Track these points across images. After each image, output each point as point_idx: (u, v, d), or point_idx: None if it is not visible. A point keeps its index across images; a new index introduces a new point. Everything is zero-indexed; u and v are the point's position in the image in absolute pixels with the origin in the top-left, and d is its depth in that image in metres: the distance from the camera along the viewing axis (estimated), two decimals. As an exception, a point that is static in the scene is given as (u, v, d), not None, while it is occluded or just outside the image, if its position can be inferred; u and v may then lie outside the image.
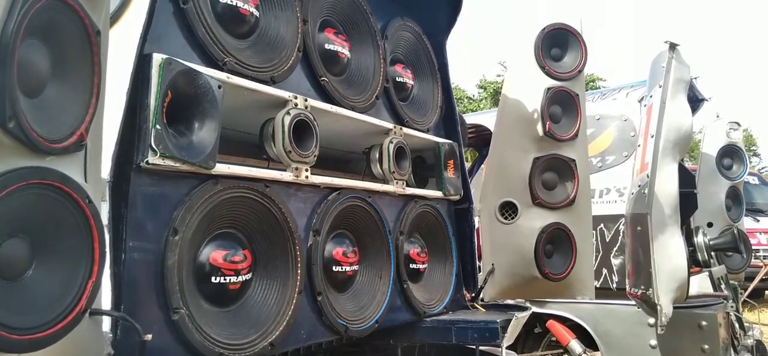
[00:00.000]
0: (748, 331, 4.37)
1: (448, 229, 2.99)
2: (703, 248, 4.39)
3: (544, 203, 3.20)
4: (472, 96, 24.23)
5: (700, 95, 5.06)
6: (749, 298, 5.72)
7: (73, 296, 1.29)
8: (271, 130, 2.12)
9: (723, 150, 5.08)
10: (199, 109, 1.83)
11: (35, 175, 1.20)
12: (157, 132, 1.67)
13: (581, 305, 3.98)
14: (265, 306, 2.04)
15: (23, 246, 1.23)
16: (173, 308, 1.72)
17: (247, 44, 2.12)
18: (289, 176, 2.14)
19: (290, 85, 2.21)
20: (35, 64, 1.22)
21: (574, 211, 3.23)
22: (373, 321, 2.45)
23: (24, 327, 1.19)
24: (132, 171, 1.68)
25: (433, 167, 3.04)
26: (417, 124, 2.90)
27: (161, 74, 1.70)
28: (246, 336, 1.93)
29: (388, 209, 2.63)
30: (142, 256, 1.69)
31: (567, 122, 3.27)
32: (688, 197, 3.60)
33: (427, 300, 2.80)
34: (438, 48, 3.17)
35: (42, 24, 1.20)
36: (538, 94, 3.17)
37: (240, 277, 1.95)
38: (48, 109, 1.24)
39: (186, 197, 1.80)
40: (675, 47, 3.27)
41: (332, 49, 2.50)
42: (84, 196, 1.30)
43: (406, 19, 2.99)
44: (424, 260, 2.87)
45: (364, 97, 2.59)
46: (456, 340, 2.67)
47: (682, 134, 3.23)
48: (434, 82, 3.11)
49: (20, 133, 1.14)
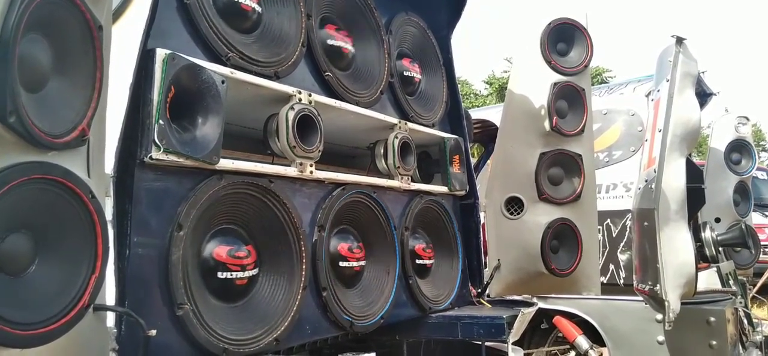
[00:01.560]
0: (757, 327, 4.34)
1: (454, 224, 2.98)
2: (711, 244, 4.36)
3: (551, 198, 3.18)
4: (479, 92, 24.17)
5: (708, 90, 5.03)
6: (758, 294, 5.68)
7: (76, 291, 1.29)
8: (275, 125, 2.11)
9: (731, 145, 5.04)
10: (202, 104, 1.83)
11: (37, 170, 1.20)
12: (161, 127, 1.67)
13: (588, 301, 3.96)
14: (270, 301, 2.04)
15: (26, 242, 1.23)
16: (177, 303, 1.72)
17: (251, 39, 2.12)
18: (294, 172, 2.13)
19: (294, 81, 2.21)
20: (36, 59, 1.22)
21: (579, 206, 3.21)
22: (378, 317, 2.44)
23: (27, 322, 1.19)
24: (136, 166, 1.68)
25: (438, 162, 3.03)
26: (422, 119, 2.89)
27: (165, 69, 1.70)
28: (251, 331, 1.93)
29: (393, 205, 2.62)
30: (146, 251, 1.69)
31: (573, 117, 3.25)
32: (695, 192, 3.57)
33: (432, 295, 2.79)
34: (443, 43, 3.16)
35: (43, 18, 1.20)
36: (544, 89, 3.16)
37: (246, 272, 1.95)
38: (50, 104, 1.24)
39: (190, 193, 1.80)
40: (682, 41, 3.25)
41: (336, 44, 2.49)
42: (87, 191, 1.30)
43: (410, 13, 2.98)
44: (429, 256, 2.86)
45: (368, 92, 2.58)
46: (462, 336, 2.67)
47: (690, 129, 3.20)
48: (440, 77, 3.10)
49: (21, 128, 1.14)
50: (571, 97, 3.23)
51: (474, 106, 20.51)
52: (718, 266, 4.20)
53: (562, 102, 3.20)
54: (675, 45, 3.23)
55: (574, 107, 3.26)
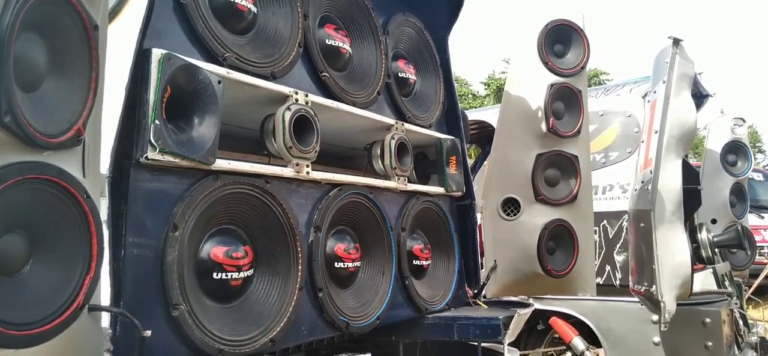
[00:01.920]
0: (752, 328, 4.35)
1: (451, 225, 2.98)
2: (707, 245, 4.38)
3: (547, 199, 3.18)
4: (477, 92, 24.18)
5: (704, 91, 5.03)
6: (753, 295, 5.70)
7: (71, 291, 1.28)
8: (272, 126, 2.11)
9: (727, 146, 5.06)
10: (199, 104, 1.83)
11: (32, 170, 1.20)
12: (157, 127, 1.66)
13: (584, 302, 3.97)
14: (266, 302, 2.03)
15: (20, 242, 1.23)
16: (173, 304, 1.71)
17: (247, 40, 2.11)
18: (290, 172, 2.13)
19: (291, 81, 2.21)
20: (32, 58, 1.22)
21: (576, 208, 3.22)
22: (374, 318, 2.44)
23: (21, 323, 1.18)
24: (131, 167, 1.67)
25: (435, 163, 3.03)
26: (419, 120, 2.89)
27: (161, 69, 1.69)
28: (247, 332, 1.93)
29: (390, 206, 2.62)
30: (141, 252, 1.69)
31: (569, 118, 3.25)
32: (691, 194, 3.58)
33: (429, 296, 2.79)
34: (440, 43, 3.16)
35: (39, 18, 1.19)
36: (541, 90, 3.16)
37: (241, 273, 1.94)
38: (45, 104, 1.24)
39: (186, 193, 1.80)
40: (679, 42, 3.26)
41: (333, 45, 2.49)
42: (82, 191, 1.30)
43: (407, 14, 2.98)
44: (426, 257, 2.86)
45: (365, 92, 2.58)
46: (458, 337, 2.67)
47: (686, 130, 3.21)
48: (436, 78, 3.10)
49: (17, 127, 1.14)
50: (567, 98, 3.24)
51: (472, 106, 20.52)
52: (714, 267, 4.22)
53: (558, 103, 3.20)
54: (672, 46, 3.24)
55: (570, 109, 3.26)
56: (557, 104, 3.21)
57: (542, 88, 3.17)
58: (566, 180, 3.24)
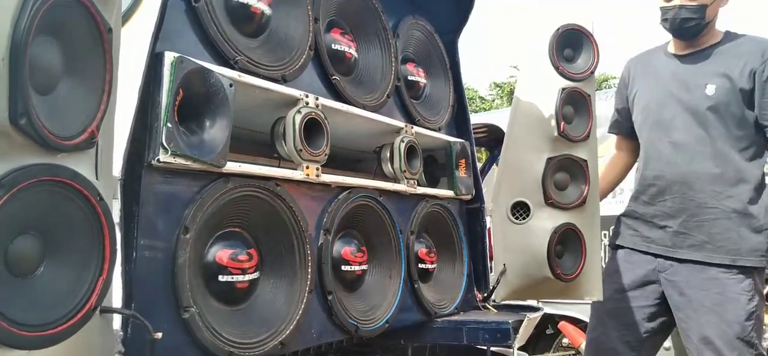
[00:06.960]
0: (764, 334, 4.31)
1: (460, 229, 2.98)
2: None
3: (557, 203, 3.17)
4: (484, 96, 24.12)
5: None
6: (764, 300, 5.64)
7: (84, 293, 1.29)
8: (282, 128, 2.11)
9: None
10: (210, 107, 1.83)
11: (46, 172, 1.20)
12: (169, 130, 1.67)
13: (593, 306, 3.94)
14: (275, 305, 2.03)
15: (35, 244, 1.23)
16: (183, 306, 1.72)
17: (258, 43, 2.12)
18: (300, 175, 2.13)
19: (301, 84, 2.21)
20: (47, 61, 1.22)
21: (584, 211, 3.20)
22: (383, 321, 2.44)
23: (34, 324, 1.19)
24: (143, 169, 1.68)
25: (444, 166, 3.02)
26: (428, 123, 2.89)
27: (173, 72, 1.70)
28: (256, 335, 1.93)
29: (399, 209, 2.62)
30: (153, 254, 1.69)
31: (579, 122, 3.23)
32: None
33: (437, 300, 2.79)
34: (450, 47, 3.15)
35: (54, 21, 1.20)
36: (552, 94, 3.14)
37: (248, 276, 1.95)
38: (59, 106, 1.24)
39: (197, 196, 1.80)
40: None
41: (342, 49, 2.49)
42: (95, 193, 1.30)
43: (417, 17, 2.98)
44: (434, 260, 2.86)
45: (375, 95, 2.58)
46: (467, 341, 2.66)
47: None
48: (446, 81, 3.09)
49: (32, 130, 1.14)
50: (577, 102, 3.22)
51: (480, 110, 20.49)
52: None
53: (568, 108, 3.19)
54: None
55: (579, 113, 3.24)
56: (567, 108, 3.19)
57: (552, 92, 3.16)
58: (576, 184, 3.23)
